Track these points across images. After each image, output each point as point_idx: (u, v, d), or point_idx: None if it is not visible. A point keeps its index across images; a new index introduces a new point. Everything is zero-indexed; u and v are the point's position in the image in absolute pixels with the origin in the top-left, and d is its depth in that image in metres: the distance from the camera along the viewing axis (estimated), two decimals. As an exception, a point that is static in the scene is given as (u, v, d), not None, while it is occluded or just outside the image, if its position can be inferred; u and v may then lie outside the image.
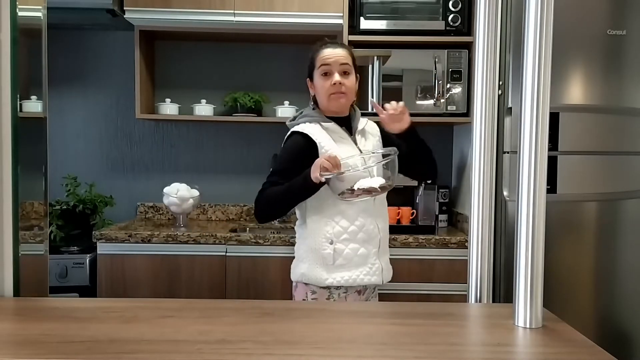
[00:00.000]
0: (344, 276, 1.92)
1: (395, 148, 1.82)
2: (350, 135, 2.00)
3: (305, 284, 1.97)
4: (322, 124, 1.96)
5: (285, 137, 2.03)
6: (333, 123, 1.97)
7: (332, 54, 1.96)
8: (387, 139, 2.05)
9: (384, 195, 1.98)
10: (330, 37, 2.27)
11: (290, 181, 1.90)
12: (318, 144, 1.92)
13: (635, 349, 2.50)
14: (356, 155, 1.91)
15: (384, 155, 1.87)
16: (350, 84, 1.98)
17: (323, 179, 1.78)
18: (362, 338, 1.04)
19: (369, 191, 1.77)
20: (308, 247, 1.96)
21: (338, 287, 1.94)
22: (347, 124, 2.02)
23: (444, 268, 2.62)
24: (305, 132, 1.95)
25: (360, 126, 2.03)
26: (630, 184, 2.46)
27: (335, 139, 1.95)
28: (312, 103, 2.04)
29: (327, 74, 1.95)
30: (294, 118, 2.07)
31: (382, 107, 1.97)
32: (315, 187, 1.85)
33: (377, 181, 1.78)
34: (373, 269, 1.95)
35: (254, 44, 3.18)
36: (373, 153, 1.94)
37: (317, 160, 1.82)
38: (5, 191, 1.33)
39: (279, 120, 2.83)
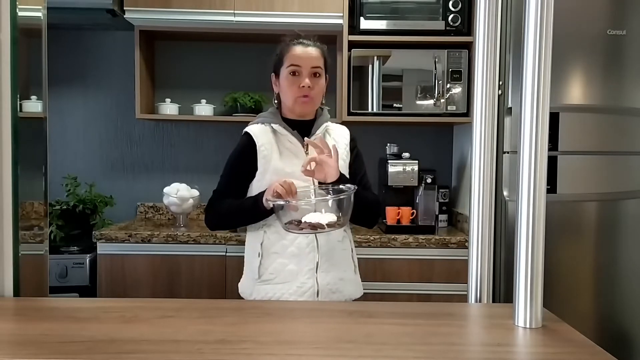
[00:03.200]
0: (268, 292, 1.78)
1: (354, 186, 1.66)
2: (303, 140, 1.82)
3: (242, 297, 1.88)
4: (273, 126, 1.82)
5: None
6: (284, 126, 1.82)
7: (304, 53, 1.80)
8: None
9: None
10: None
11: (236, 185, 1.82)
12: (258, 147, 1.79)
13: (635, 349, 2.50)
14: (311, 187, 1.73)
15: (340, 191, 1.70)
16: (319, 88, 1.81)
17: (271, 205, 1.67)
18: (362, 338, 1.04)
19: (315, 227, 1.63)
20: (245, 257, 1.90)
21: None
22: (309, 127, 1.84)
23: (444, 268, 2.61)
24: (250, 132, 1.83)
25: (319, 131, 1.84)
26: (630, 184, 2.46)
27: (283, 143, 1.81)
28: (276, 101, 1.88)
29: (295, 74, 1.78)
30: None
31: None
32: (265, 212, 1.73)
33: (326, 217, 1.64)
34: (303, 288, 1.76)
35: (254, 44, 3.18)
36: (332, 187, 1.72)
37: (271, 184, 1.69)
38: (5, 191, 1.34)
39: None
